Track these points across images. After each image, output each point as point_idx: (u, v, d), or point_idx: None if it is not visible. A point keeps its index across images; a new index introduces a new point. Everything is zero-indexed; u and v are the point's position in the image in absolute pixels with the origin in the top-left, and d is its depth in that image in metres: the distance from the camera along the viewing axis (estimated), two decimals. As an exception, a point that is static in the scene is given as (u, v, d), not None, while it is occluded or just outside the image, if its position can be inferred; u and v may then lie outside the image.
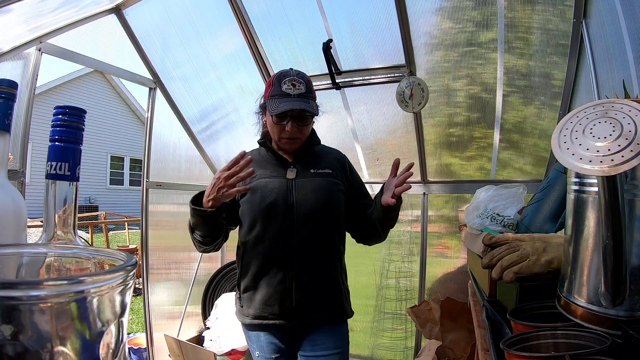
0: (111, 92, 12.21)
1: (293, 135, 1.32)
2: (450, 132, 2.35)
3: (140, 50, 2.23)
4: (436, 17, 2.07)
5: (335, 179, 1.38)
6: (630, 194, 0.61)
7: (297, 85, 1.30)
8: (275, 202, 1.30)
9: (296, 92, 1.30)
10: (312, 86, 1.36)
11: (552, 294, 0.74)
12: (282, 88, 1.30)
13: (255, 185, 1.34)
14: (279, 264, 1.30)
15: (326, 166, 1.40)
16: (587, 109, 0.59)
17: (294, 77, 1.32)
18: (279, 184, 1.33)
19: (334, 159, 1.44)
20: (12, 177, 1.59)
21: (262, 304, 1.32)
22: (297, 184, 1.33)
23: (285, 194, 1.32)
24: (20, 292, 0.25)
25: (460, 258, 2.47)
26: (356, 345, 2.64)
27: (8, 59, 1.61)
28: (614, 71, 1.44)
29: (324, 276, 1.34)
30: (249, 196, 1.34)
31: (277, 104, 1.29)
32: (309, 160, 1.40)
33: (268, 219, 1.30)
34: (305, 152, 1.41)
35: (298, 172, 1.36)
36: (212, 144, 2.81)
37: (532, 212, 1.31)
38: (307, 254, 1.31)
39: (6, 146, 0.49)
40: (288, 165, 1.38)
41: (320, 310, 1.34)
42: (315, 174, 1.36)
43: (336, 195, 1.37)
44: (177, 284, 2.71)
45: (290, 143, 1.35)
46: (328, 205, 1.34)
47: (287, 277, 1.30)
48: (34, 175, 6.62)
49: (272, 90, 1.33)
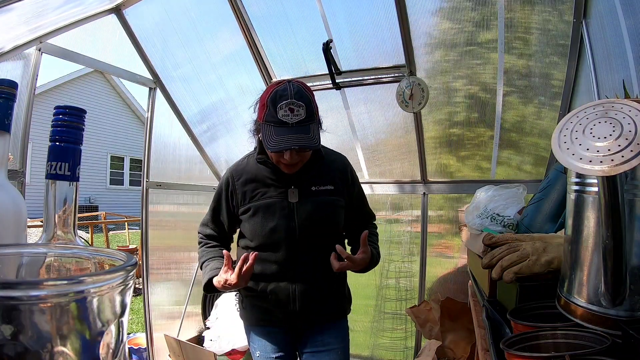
0: (111, 92, 12.21)
1: (292, 162, 1.22)
2: (451, 132, 2.35)
3: (140, 50, 2.23)
4: (436, 17, 2.07)
5: (337, 196, 1.34)
6: (630, 194, 0.61)
7: (296, 111, 1.15)
8: (277, 226, 1.27)
9: (294, 120, 1.15)
10: (313, 105, 1.21)
11: (552, 294, 0.74)
12: (278, 115, 1.15)
13: (256, 206, 1.30)
14: (282, 280, 1.30)
15: (328, 181, 1.33)
16: (587, 109, 0.59)
17: (292, 99, 1.15)
18: (280, 207, 1.28)
19: (336, 169, 1.37)
20: (12, 177, 1.59)
21: (263, 312, 1.34)
22: (298, 206, 1.28)
23: (287, 217, 1.27)
24: (20, 292, 0.25)
25: (460, 258, 2.47)
26: (356, 345, 2.64)
27: (8, 59, 1.61)
28: (614, 71, 1.44)
29: (325, 284, 1.34)
30: (250, 216, 1.31)
31: (272, 135, 1.17)
32: (311, 177, 1.32)
33: (270, 242, 1.28)
34: (308, 168, 1.31)
35: (299, 193, 1.29)
36: (212, 144, 2.81)
37: (532, 212, 1.31)
38: (309, 270, 1.31)
39: (6, 146, 0.49)
40: (288, 184, 1.30)
41: (321, 312, 1.35)
42: (316, 192, 1.31)
43: (337, 212, 1.34)
44: (177, 284, 2.71)
45: (289, 168, 1.26)
46: (329, 225, 1.32)
47: (289, 287, 1.30)
48: (34, 175, 6.63)
49: (266, 114, 1.18)
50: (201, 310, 2.74)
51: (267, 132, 1.18)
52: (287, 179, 1.30)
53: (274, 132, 1.17)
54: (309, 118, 1.18)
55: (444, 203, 2.55)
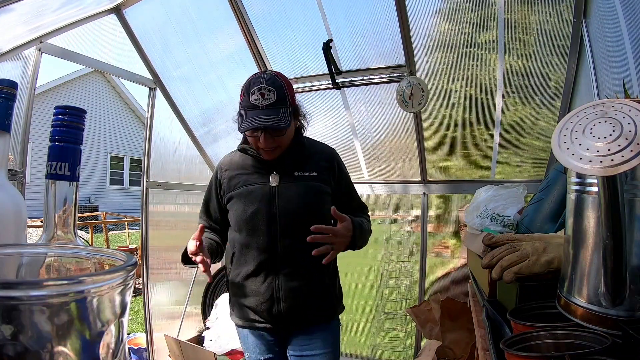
0: (111, 92, 12.21)
1: (268, 147, 1.26)
2: (450, 132, 2.35)
3: (140, 50, 2.23)
4: (436, 17, 2.07)
5: (320, 182, 1.33)
6: (630, 194, 0.61)
7: (266, 95, 1.20)
8: (258, 211, 1.27)
9: (265, 103, 1.20)
10: (285, 91, 1.24)
11: (552, 294, 0.74)
12: (250, 99, 1.21)
13: (239, 193, 1.32)
14: (266, 271, 1.29)
15: (311, 168, 1.33)
16: (587, 109, 0.59)
17: (263, 84, 1.21)
18: (261, 192, 1.29)
19: (320, 158, 1.37)
20: (12, 177, 1.59)
21: (249, 311, 1.33)
22: (279, 190, 1.29)
23: (268, 202, 1.28)
24: (20, 292, 0.25)
25: (460, 258, 2.47)
26: (356, 345, 2.64)
27: (8, 59, 1.61)
28: (614, 71, 1.44)
29: (311, 280, 1.31)
30: (234, 203, 1.33)
31: (244, 117, 1.22)
32: (293, 163, 1.33)
33: (252, 227, 1.29)
34: (289, 154, 1.33)
35: (281, 178, 1.31)
36: (212, 144, 2.81)
37: (532, 212, 1.31)
38: (292, 261, 1.29)
39: (6, 146, 0.49)
40: (271, 170, 1.32)
41: (308, 313, 1.33)
42: (298, 177, 1.31)
43: (321, 198, 1.33)
44: (177, 284, 2.71)
45: (268, 154, 1.29)
46: (312, 211, 1.29)
47: (273, 285, 1.29)
48: (34, 175, 6.60)
49: (242, 100, 1.25)
50: (201, 310, 2.74)
51: (240, 117, 1.24)
52: (269, 166, 1.32)
53: (245, 115, 1.22)
54: (280, 102, 1.22)
55: (444, 203, 2.55)
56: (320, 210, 1.32)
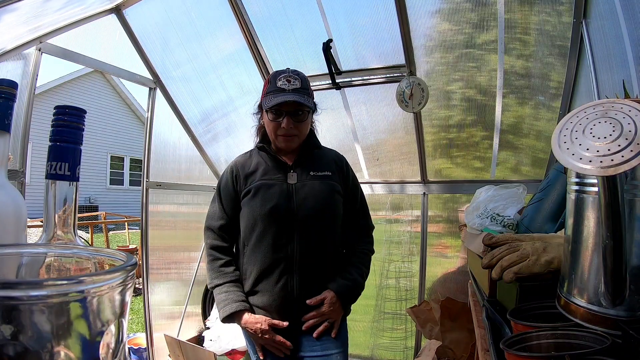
0: (111, 92, 12.21)
1: (289, 132, 1.32)
2: (450, 132, 2.35)
3: (140, 50, 2.23)
4: (436, 18, 2.07)
5: (334, 181, 1.39)
6: (630, 194, 0.61)
7: (292, 81, 1.31)
8: (277, 206, 1.30)
9: (291, 87, 1.31)
10: (308, 83, 1.37)
11: (552, 294, 0.74)
12: (277, 84, 1.31)
13: (256, 189, 1.34)
14: (280, 269, 1.30)
15: (325, 168, 1.40)
16: (587, 109, 0.59)
17: (289, 74, 1.33)
18: (279, 189, 1.33)
19: (332, 160, 1.44)
20: (12, 177, 1.59)
21: (262, 311, 1.33)
22: (297, 188, 1.33)
23: (287, 198, 1.32)
24: (20, 292, 0.25)
25: (460, 258, 2.47)
26: (356, 345, 2.64)
27: (8, 59, 1.61)
28: (614, 71, 1.44)
29: (326, 280, 1.34)
30: (250, 199, 1.34)
31: (271, 98, 1.30)
32: (309, 163, 1.39)
33: (269, 223, 1.30)
34: (305, 155, 1.40)
35: (298, 176, 1.36)
36: (212, 144, 2.81)
37: (532, 212, 1.31)
38: (308, 259, 1.30)
39: (6, 146, 0.49)
40: (288, 169, 1.37)
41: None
42: (314, 177, 1.36)
43: (335, 197, 1.37)
44: (177, 284, 2.71)
45: (287, 141, 1.34)
46: (327, 208, 1.34)
47: (288, 283, 1.29)
48: (34, 175, 6.62)
49: (268, 88, 1.34)
50: (201, 310, 2.74)
51: (266, 100, 1.33)
52: (286, 165, 1.38)
53: (273, 97, 1.31)
54: (304, 89, 1.33)
55: (444, 203, 2.55)
56: (335, 208, 1.37)
